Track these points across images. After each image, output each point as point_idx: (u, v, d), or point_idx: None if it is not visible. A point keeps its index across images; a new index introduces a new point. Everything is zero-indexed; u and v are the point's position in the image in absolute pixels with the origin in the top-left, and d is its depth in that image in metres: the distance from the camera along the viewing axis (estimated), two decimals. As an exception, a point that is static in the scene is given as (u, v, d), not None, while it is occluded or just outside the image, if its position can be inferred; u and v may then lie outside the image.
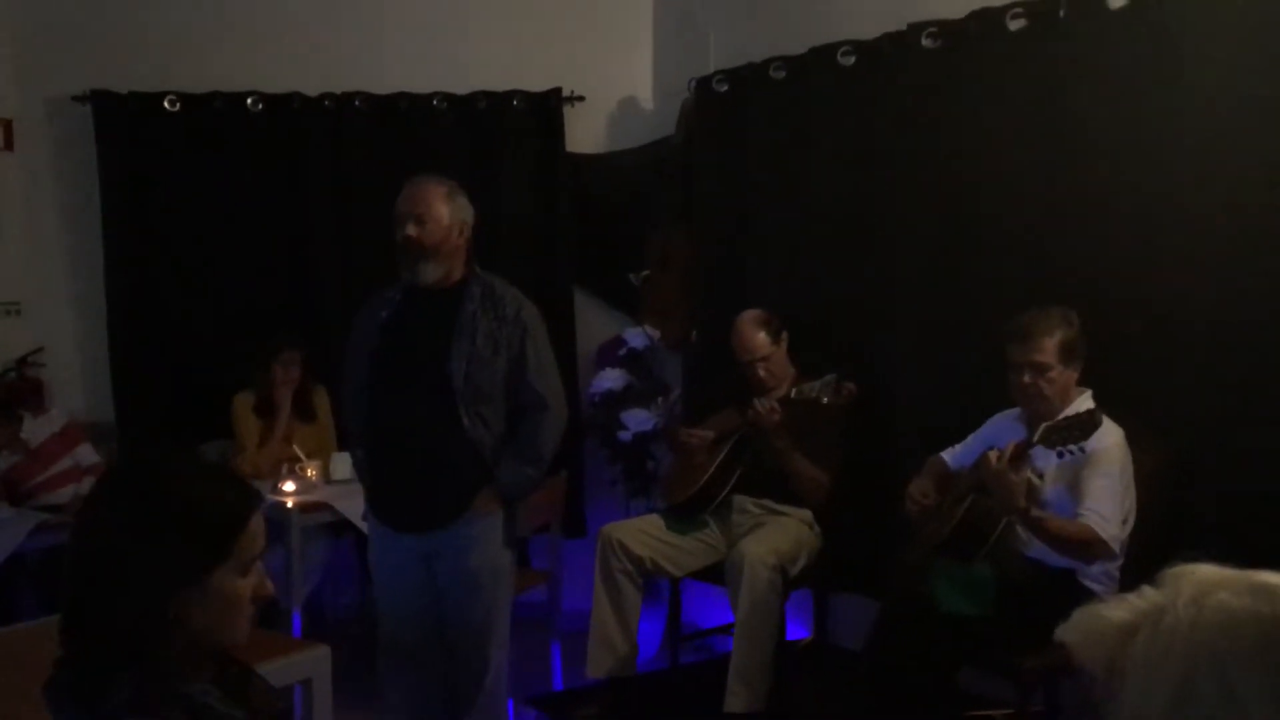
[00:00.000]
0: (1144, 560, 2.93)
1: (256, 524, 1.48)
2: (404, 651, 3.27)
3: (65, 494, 4.53)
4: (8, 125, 4.85)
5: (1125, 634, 0.99)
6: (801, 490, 3.85)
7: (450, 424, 3.06)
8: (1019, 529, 3.04)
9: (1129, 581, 2.89)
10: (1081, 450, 2.86)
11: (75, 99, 4.78)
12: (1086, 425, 2.83)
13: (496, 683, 3.30)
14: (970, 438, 3.37)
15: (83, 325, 4.95)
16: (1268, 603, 0.96)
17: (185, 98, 4.79)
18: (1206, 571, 1.01)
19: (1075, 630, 1.03)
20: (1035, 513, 2.92)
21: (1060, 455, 2.90)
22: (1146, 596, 1.01)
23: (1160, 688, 0.95)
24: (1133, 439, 3.02)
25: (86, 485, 4.55)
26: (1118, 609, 1.01)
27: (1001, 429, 3.23)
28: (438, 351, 3.06)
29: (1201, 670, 0.94)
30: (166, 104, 4.78)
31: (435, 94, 4.90)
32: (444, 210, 3.12)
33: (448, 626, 3.24)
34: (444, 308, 3.12)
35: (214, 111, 4.81)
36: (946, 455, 3.42)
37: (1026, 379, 3.05)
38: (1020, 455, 2.92)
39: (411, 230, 3.09)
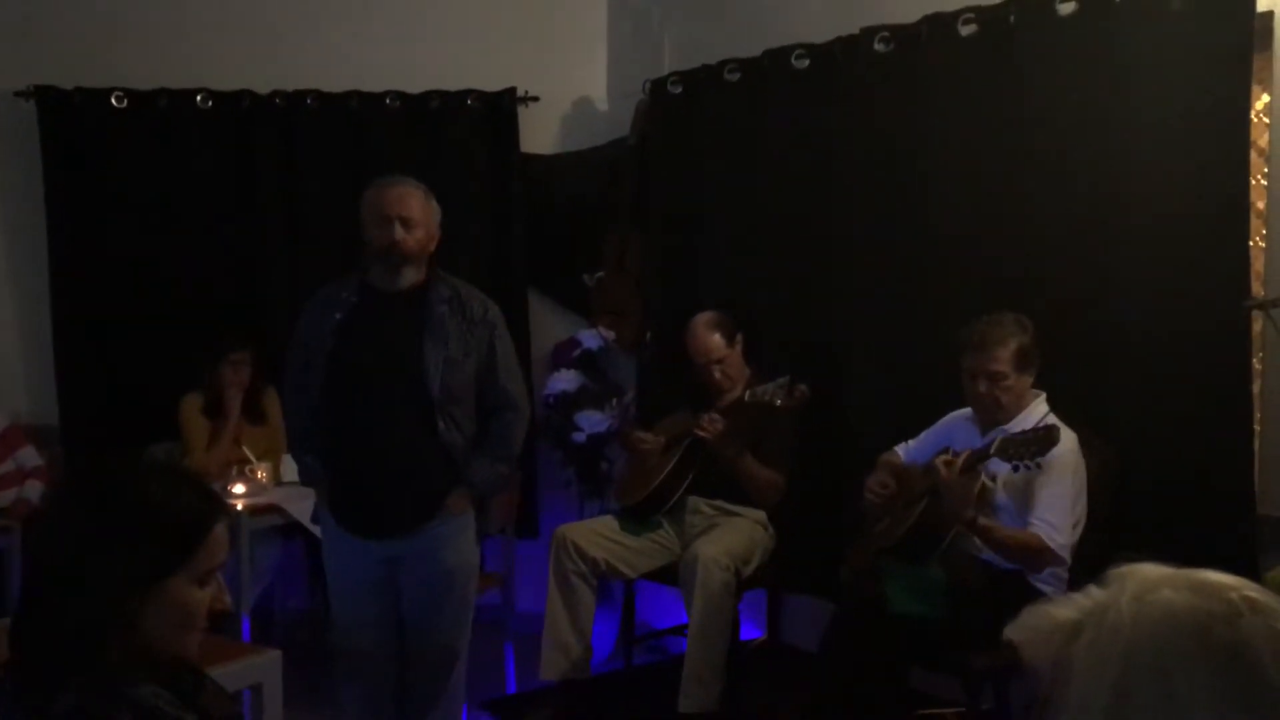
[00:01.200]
0: (1089, 560, 2.97)
1: (220, 533, 1.46)
2: (362, 658, 3.22)
3: (7, 497, 4.45)
4: (-51, 121, 4.75)
5: (1071, 632, 1.01)
6: (756, 493, 3.87)
7: (426, 429, 3.01)
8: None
9: (1076, 582, 2.93)
10: (1038, 466, 2.89)
11: (18, 94, 4.68)
12: (1044, 442, 2.84)
13: (458, 682, 3.28)
14: (924, 434, 3.40)
15: (26, 326, 4.85)
16: (1208, 599, 0.98)
17: (132, 94, 4.71)
18: (1150, 570, 1.02)
19: (1023, 629, 1.05)
20: (983, 521, 2.95)
21: (1015, 469, 2.92)
22: (1092, 595, 1.02)
23: (1102, 685, 0.96)
24: (1080, 441, 3.06)
25: (29, 488, 4.47)
26: (1064, 608, 1.03)
27: (955, 428, 3.27)
28: (411, 356, 3.00)
29: (1141, 667, 0.95)
30: (113, 100, 4.69)
31: (388, 93, 4.86)
32: (425, 213, 3.06)
33: (416, 628, 3.18)
34: (411, 310, 3.05)
35: (162, 109, 4.73)
36: (900, 449, 3.45)
37: (983, 388, 3.07)
38: (973, 465, 2.93)
39: (399, 234, 3.00)
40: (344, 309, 3.09)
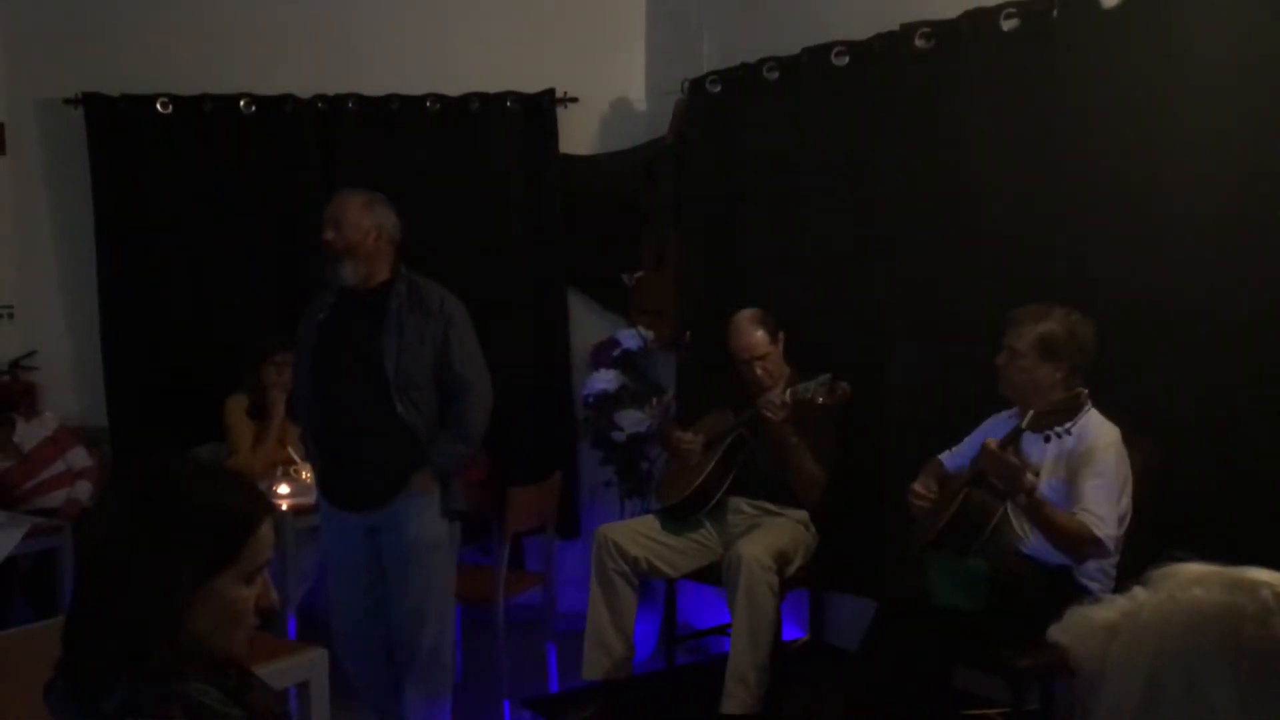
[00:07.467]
0: (1137, 557, 2.93)
1: (266, 532, 1.48)
2: (356, 628, 3.51)
3: (57, 498, 4.52)
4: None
5: (1110, 634, 1.01)
6: (800, 488, 3.85)
7: (386, 409, 3.36)
8: (1014, 521, 3.05)
9: (1125, 579, 2.89)
10: (1069, 433, 2.91)
11: (67, 102, 4.77)
12: (1072, 407, 2.91)
13: (436, 646, 3.51)
14: (966, 439, 3.37)
15: (75, 329, 4.94)
16: (1238, 595, 0.97)
17: (177, 100, 4.78)
18: (1190, 570, 1.02)
19: (1066, 631, 1.05)
20: (1039, 494, 2.94)
21: (1048, 439, 2.92)
22: (1134, 597, 1.03)
23: (1133, 683, 0.97)
24: (1125, 438, 3.02)
25: (79, 489, 4.54)
26: (1105, 610, 1.03)
27: (997, 428, 3.24)
28: (371, 345, 3.37)
29: (1170, 665, 0.96)
30: (158, 106, 4.77)
31: (428, 95, 4.89)
32: (358, 217, 3.43)
33: (391, 593, 3.49)
34: (374, 306, 3.43)
35: (206, 114, 4.80)
36: (944, 457, 3.43)
37: (1001, 360, 3.15)
38: (1013, 439, 2.97)
39: (329, 234, 3.44)
40: (326, 309, 3.51)
